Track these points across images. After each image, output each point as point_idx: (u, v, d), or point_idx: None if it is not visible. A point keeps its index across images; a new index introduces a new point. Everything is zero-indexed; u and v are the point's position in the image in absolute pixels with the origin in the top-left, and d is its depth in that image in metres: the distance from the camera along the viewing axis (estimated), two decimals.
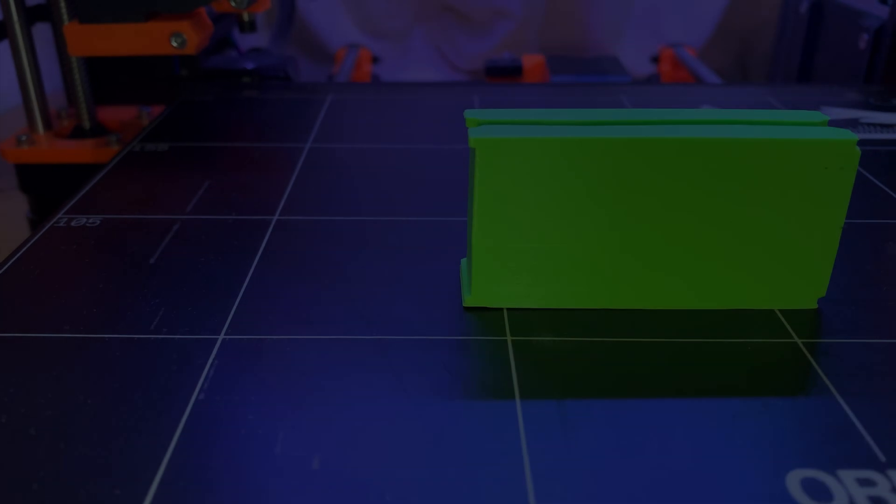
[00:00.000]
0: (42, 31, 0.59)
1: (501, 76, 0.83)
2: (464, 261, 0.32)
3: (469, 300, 0.30)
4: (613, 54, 1.00)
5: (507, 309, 0.30)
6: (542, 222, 0.29)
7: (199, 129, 0.50)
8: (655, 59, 0.91)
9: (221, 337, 0.28)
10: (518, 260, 0.29)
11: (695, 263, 0.29)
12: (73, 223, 0.37)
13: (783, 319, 0.30)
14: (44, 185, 0.54)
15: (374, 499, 0.21)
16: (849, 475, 0.22)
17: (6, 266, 0.33)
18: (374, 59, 0.91)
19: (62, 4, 0.51)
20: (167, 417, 0.24)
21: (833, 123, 0.51)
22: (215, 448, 0.23)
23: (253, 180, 0.42)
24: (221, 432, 0.24)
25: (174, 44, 0.47)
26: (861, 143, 0.47)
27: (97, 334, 0.29)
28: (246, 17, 0.54)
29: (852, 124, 0.51)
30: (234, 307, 0.30)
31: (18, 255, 0.34)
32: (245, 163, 0.45)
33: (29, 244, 0.35)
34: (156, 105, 0.60)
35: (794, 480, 0.22)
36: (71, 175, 0.53)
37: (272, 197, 0.40)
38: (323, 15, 1.03)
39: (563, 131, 0.28)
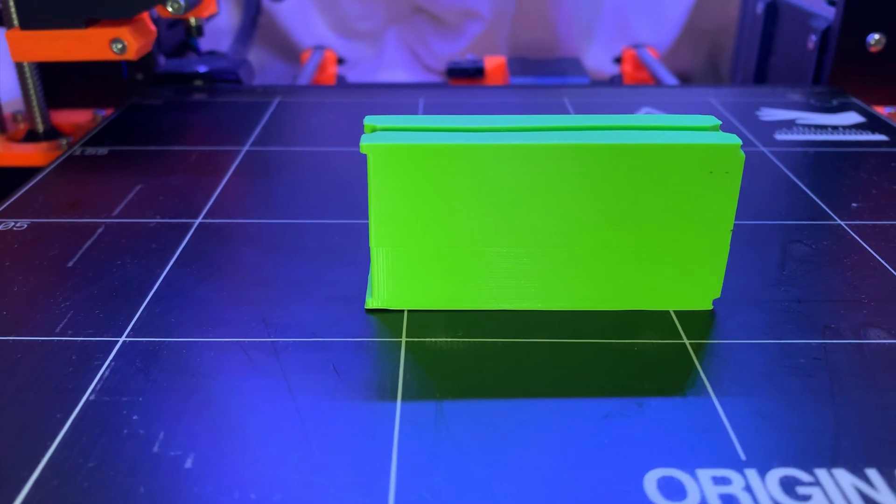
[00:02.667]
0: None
1: (463, 78, 0.83)
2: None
3: (370, 302, 0.31)
4: (583, 55, 1.01)
5: (409, 311, 0.31)
6: (437, 226, 0.29)
7: (141, 132, 0.51)
8: (618, 61, 0.91)
9: (122, 339, 0.29)
10: (416, 263, 0.30)
11: (589, 266, 0.30)
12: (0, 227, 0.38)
13: (676, 320, 0.30)
14: None
15: (238, 497, 0.22)
16: (706, 474, 0.23)
17: None
18: (340, 61, 0.92)
19: (12, 10, 0.52)
20: (54, 418, 0.25)
21: (769, 125, 0.52)
22: (95, 448, 0.24)
23: (184, 183, 0.42)
24: (105, 432, 0.24)
25: (115, 49, 0.47)
26: (791, 144, 0.48)
27: (3, 336, 0.29)
28: (193, 21, 0.55)
29: (788, 125, 0.52)
30: (141, 310, 0.31)
31: None
32: (180, 166, 0.45)
33: None
34: (111, 108, 0.60)
35: (651, 480, 0.23)
36: (22, 178, 0.53)
37: (198, 200, 0.40)
38: (295, 16, 1.04)
39: (454, 137, 0.28)
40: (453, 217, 0.29)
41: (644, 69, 0.84)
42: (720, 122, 0.30)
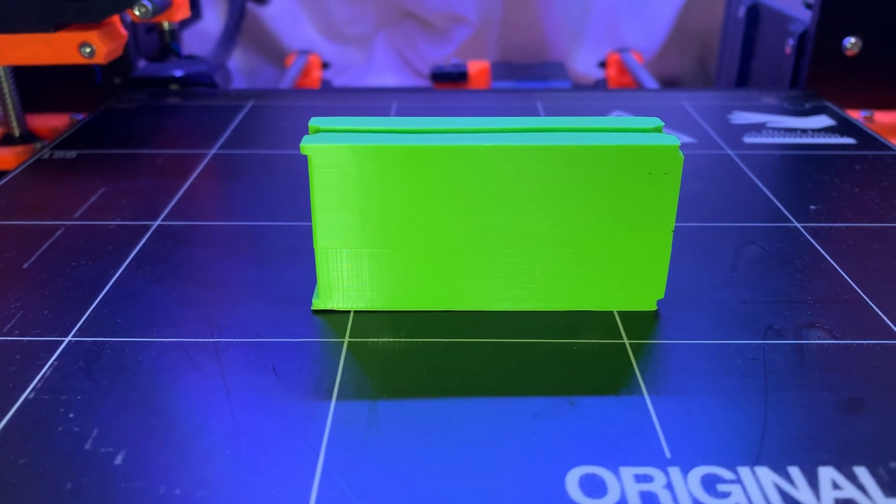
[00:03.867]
0: None
1: (447, 82, 0.84)
2: None
3: (316, 304, 0.31)
4: (571, 59, 1.01)
5: (355, 312, 0.31)
6: (380, 227, 0.29)
7: (113, 136, 0.51)
8: (603, 65, 0.92)
9: (68, 339, 0.29)
10: (360, 264, 0.30)
11: (534, 266, 0.30)
12: None
13: (619, 321, 0.30)
14: None
15: (163, 493, 0.22)
16: (629, 472, 0.23)
17: None
18: (325, 65, 0.92)
19: None
20: None
21: (739, 128, 0.52)
22: (28, 445, 0.24)
23: (147, 186, 0.43)
24: (39, 430, 0.25)
25: (83, 54, 0.48)
26: (759, 147, 0.48)
27: None
28: (166, 25, 0.55)
29: (758, 129, 0.52)
30: (89, 311, 0.31)
31: None
32: (146, 169, 0.45)
33: None
34: (89, 113, 0.60)
35: (573, 477, 0.23)
36: None
37: (160, 203, 0.41)
38: (285, 21, 1.04)
39: (395, 139, 0.29)
40: (395, 218, 0.29)
41: (628, 73, 0.84)
42: (663, 124, 0.30)
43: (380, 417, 0.25)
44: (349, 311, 0.31)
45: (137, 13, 0.46)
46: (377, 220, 0.29)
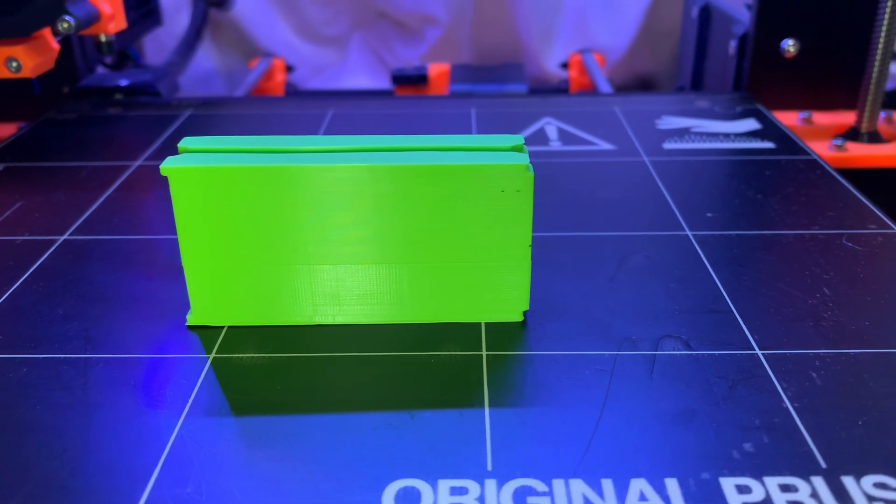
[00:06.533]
0: None
1: (407, 85, 0.84)
2: None
3: (190, 319, 0.32)
4: (543, 59, 1.01)
5: (229, 327, 0.32)
6: (244, 244, 0.30)
7: (45, 148, 0.52)
8: (565, 66, 0.92)
9: None
10: (229, 280, 0.31)
11: (402, 280, 0.31)
12: None
13: (483, 332, 0.31)
14: None
15: None
16: (447, 484, 0.24)
17: None
18: (289, 69, 0.93)
19: None
20: None
21: (663, 133, 0.53)
22: None
23: (63, 200, 0.44)
24: None
25: (10, 68, 0.49)
26: (677, 153, 0.49)
27: None
28: (103, 38, 0.56)
29: (681, 134, 0.53)
30: None
31: None
32: (67, 182, 0.46)
33: None
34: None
35: (391, 490, 0.24)
36: None
37: (71, 217, 0.42)
38: (261, 23, 1.05)
39: (257, 159, 0.29)
40: (258, 236, 0.30)
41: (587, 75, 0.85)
42: (523, 142, 0.31)
43: (224, 433, 0.26)
44: (223, 327, 0.32)
45: (60, 28, 0.47)
46: (240, 238, 0.30)
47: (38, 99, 0.64)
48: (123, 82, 0.63)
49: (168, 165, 0.29)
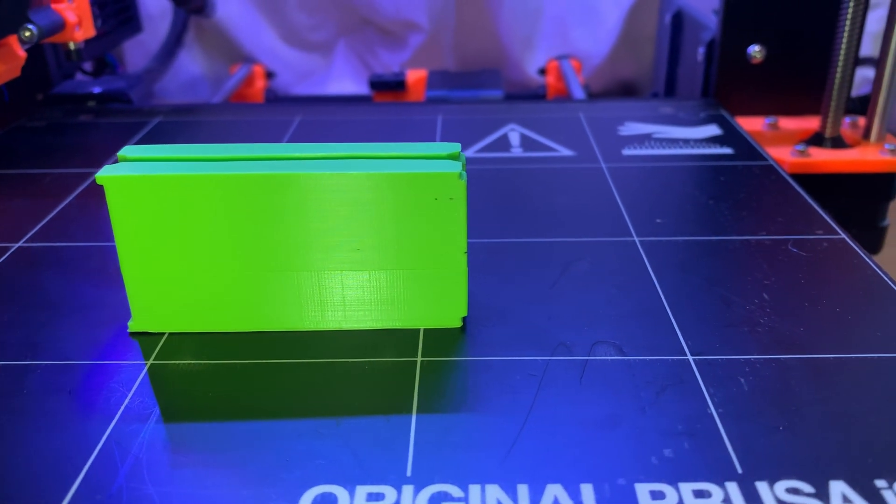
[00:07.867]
0: None
1: (385, 91, 0.85)
2: None
3: (131, 325, 0.32)
4: (525, 64, 1.02)
5: (169, 333, 0.32)
6: (183, 252, 0.31)
7: (12, 155, 0.53)
8: (543, 72, 0.93)
9: None
10: (168, 287, 0.31)
11: (343, 287, 0.31)
12: None
13: (421, 338, 0.31)
14: None
15: None
16: (364, 490, 0.24)
17: None
18: (269, 75, 0.93)
19: None
20: None
21: (624, 140, 0.53)
22: None
23: (22, 207, 0.44)
24: None
25: None
26: (635, 159, 0.49)
27: None
28: (72, 46, 0.57)
29: (641, 140, 0.53)
30: None
31: None
32: (29, 190, 0.47)
33: None
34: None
35: (309, 497, 0.24)
36: None
37: (28, 224, 0.42)
38: (247, 30, 1.06)
39: (194, 168, 0.30)
40: (197, 244, 0.30)
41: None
42: (459, 150, 0.31)
43: (150, 440, 0.26)
44: (164, 334, 0.32)
45: (23, 37, 0.48)
46: (178, 245, 0.30)
47: (9, 106, 0.64)
48: (96, 89, 0.63)
49: (103, 174, 0.29)
